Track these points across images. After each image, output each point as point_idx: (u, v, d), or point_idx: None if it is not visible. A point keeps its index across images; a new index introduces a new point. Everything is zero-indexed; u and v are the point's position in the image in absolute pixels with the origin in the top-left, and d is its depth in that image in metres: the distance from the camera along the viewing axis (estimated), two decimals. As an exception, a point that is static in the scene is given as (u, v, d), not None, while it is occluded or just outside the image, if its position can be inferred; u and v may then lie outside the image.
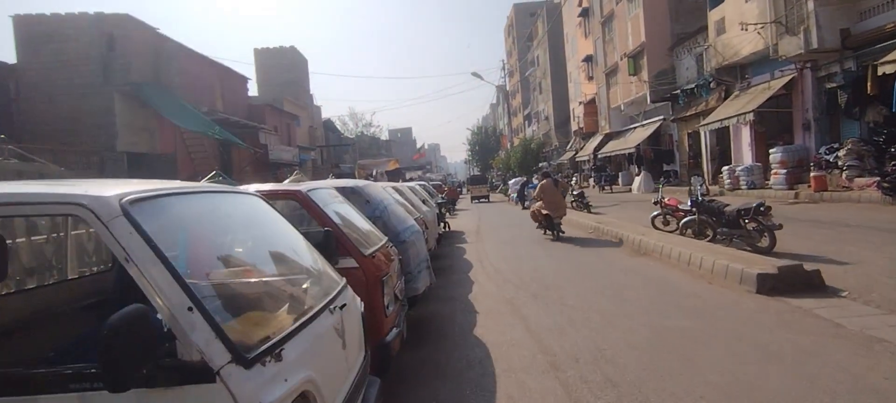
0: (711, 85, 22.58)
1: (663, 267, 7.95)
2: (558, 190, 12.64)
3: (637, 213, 16.66)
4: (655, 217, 11.26)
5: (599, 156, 36.66)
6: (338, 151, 53.68)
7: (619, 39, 32.28)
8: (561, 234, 12.17)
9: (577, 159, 44.41)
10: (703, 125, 21.72)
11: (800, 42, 16.08)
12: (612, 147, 34.21)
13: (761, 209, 7.94)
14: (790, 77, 17.93)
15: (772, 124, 20.14)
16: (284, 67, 40.61)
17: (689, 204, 9.52)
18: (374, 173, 20.48)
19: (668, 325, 5.13)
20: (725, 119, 19.82)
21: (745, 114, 18.37)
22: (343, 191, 5.49)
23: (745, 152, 21.60)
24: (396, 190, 9.26)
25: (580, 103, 40.93)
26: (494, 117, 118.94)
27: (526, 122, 69.14)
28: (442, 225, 15.07)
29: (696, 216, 9.28)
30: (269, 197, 3.40)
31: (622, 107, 33.05)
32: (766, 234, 8.01)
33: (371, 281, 3.83)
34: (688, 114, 25.98)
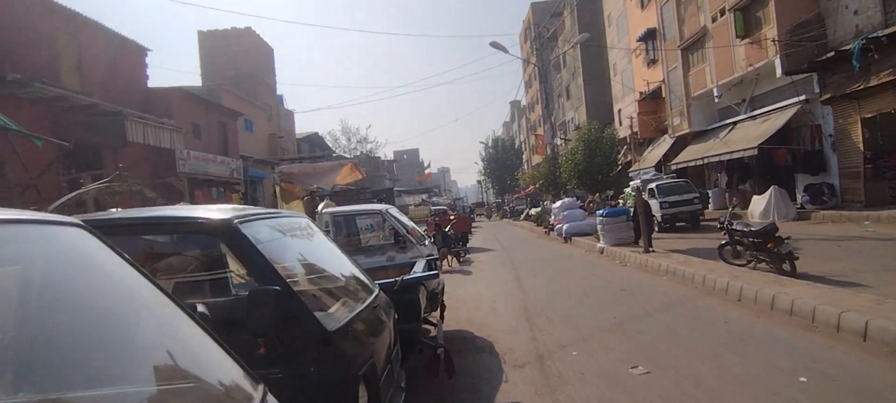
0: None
1: None
2: None
3: None
4: None
5: (672, 167, 25.74)
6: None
7: (709, -9, 21.66)
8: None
9: (629, 174, 33.55)
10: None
11: None
12: (696, 153, 23.34)
13: None
14: None
15: None
16: (238, 55, 30.32)
17: None
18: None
19: None
20: None
21: None
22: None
23: None
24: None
25: (640, 95, 29.99)
26: (508, 135, 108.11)
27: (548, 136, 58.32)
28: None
29: None
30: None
31: (716, 93, 22.20)
32: None
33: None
34: (868, 85, 15.10)
